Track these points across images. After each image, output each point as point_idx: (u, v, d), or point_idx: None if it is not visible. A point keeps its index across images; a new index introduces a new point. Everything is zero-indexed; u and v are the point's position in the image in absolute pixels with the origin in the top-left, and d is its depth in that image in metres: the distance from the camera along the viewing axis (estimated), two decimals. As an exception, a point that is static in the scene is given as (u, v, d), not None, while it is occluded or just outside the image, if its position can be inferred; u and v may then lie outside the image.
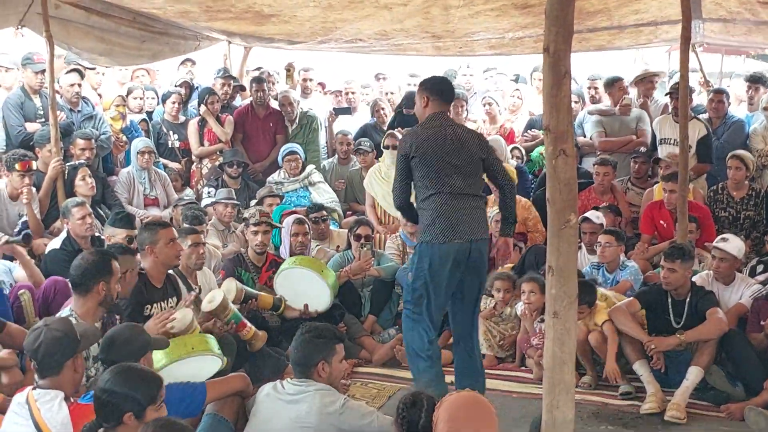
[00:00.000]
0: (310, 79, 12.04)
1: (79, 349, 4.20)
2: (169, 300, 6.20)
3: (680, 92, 7.51)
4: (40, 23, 7.84)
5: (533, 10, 8.22)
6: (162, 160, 10.02)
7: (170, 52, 10.33)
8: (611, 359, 6.41)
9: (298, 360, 4.65)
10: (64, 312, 5.00)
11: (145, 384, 3.71)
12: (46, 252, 7.19)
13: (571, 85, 3.50)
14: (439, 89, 5.98)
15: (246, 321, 6.34)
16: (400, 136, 6.76)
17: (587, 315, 6.65)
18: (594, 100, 10.86)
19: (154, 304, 6.03)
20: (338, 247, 8.59)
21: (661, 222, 8.44)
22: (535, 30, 9.13)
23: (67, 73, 9.15)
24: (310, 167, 9.91)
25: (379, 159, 9.49)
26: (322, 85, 12.89)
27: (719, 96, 9.74)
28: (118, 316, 5.54)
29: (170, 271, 6.51)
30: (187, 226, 7.20)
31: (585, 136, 10.21)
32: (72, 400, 4.03)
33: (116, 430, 3.65)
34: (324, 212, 8.83)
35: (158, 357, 5.07)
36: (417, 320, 5.81)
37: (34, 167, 7.92)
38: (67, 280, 6.14)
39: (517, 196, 8.74)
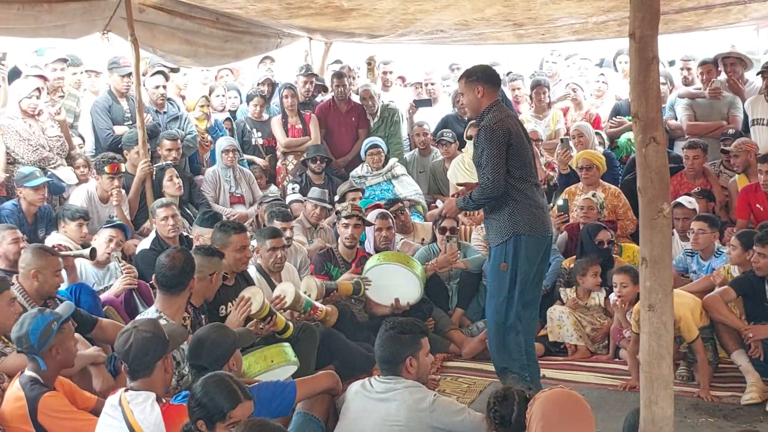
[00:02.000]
0: (390, 72, 12.02)
1: (168, 349, 4.24)
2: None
3: (772, 71, 7.32)
4: (125, 27, 7.97)
5: (617, -7, 8.07)
6: (246, 157, 10.10)
7: (253, 50, 10.43)
8: (705, 383, 6.17)
9: (384, 357, 4.59)
10: (149, 313, 5.06)
11: (219, 400, 3.69)
12: (136, 252, 7.31)
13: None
14: (492, 77, 5.87)
15: (317, 303, 6.39)
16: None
17: None
18: (686, 82, 10.55)
19: (229, 303, 5.98)
20: (423, 240, 8.54)
21: (758, 206, 8.17)
22: (619, 13, 8.92)
23: (152, 75, 9.27)
24: (393, 160, 9.88)
25: (462, 150, 9.40)
26: (402, 78, 12.85)
27: (811, 74, 9.38)
28: (203, 316, 5.59)
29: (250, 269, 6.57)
30: (268, 227, 7.14)
31: (676, 119, 9.97)
32: (164, 400, 4.07)
33: None
34: (401, 204, 8.79)
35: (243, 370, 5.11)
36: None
37: (123, 169, 8.11)
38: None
39: (607, 184, 8.68)
